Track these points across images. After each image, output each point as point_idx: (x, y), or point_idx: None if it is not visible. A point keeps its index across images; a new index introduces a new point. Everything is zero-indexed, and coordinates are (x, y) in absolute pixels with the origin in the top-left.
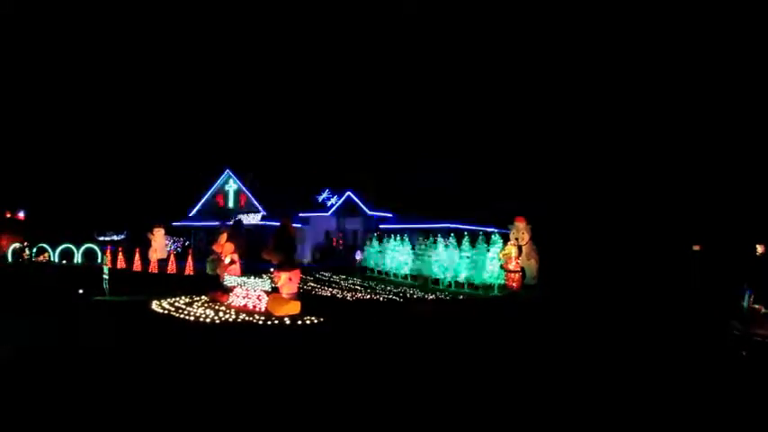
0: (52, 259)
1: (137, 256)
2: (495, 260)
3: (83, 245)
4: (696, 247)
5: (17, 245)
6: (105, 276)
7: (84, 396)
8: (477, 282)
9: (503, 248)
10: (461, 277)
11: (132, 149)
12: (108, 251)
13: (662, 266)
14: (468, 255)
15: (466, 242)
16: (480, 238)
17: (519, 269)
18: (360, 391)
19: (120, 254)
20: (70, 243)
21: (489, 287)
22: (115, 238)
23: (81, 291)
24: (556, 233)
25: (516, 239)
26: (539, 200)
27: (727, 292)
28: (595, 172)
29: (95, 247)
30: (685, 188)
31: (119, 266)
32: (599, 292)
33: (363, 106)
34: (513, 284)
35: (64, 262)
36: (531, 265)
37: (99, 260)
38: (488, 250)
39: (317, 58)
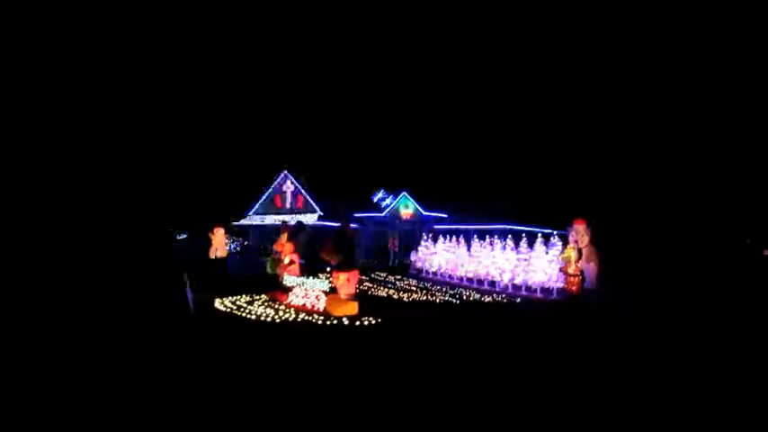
0: None
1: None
2: (554, 263)
3: None
4: None
5: None
6: None
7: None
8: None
9: (562, 251)
10: (518, 279)
11: (194, 152)
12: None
13: (730, 270)
14: (526, 257)
15: (523, 244)
16: (539, 240)
17: (579, 273)
18: (417, 394)
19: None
20: None
21: (547, 290)
22: (178, 237)
23: None
24: (618, 234)
25: (576, 242)
26: (599, 200)
27: None
28: (657, 172)
29: None
30: (758, 184)
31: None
32: (662, 296)
33: (420, 106)
34: (573, 288)
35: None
36: (592, 269)
37: None
38: (547, 252)
39: (379, 60)
